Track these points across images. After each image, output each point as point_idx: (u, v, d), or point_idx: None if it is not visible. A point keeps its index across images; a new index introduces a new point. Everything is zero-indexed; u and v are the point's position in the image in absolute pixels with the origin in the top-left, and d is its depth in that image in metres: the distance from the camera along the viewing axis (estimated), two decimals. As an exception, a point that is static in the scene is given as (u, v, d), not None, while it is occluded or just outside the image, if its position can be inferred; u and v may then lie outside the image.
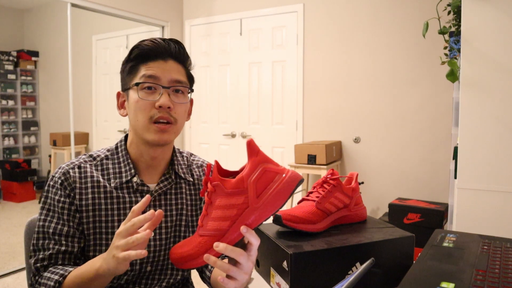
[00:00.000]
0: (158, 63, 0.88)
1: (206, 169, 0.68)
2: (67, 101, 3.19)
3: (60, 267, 0.83)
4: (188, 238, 0.70)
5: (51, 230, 0.86)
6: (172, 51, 0.90)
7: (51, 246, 0.85)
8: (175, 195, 0.97)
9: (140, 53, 0.88)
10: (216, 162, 0.68)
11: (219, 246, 0.64)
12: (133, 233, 0.69)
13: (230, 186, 0.65)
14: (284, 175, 0.66)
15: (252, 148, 0.66)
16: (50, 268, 0.83)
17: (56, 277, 0.80)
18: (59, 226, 0.86)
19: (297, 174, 0.68)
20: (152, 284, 0.93)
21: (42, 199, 0.89)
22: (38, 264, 0.85)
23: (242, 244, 0.69)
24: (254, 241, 0.67)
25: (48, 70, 4.13)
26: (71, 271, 0.81)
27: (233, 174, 0.71)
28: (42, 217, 0.88)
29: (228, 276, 0.69)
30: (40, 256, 0.85)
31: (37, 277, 0.84)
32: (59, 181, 0.88)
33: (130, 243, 0.67)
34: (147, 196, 0.71)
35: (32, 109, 4.31)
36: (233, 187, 0.65)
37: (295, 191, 0.67)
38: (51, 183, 0.89)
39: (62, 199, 0.87)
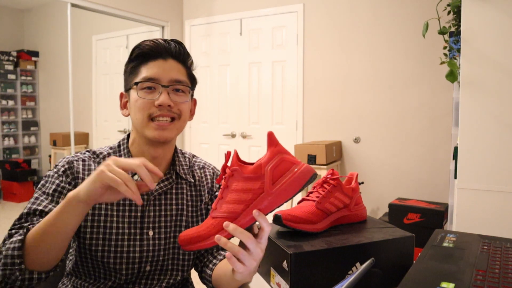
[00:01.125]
0: (158, 63, 0.88)
1: (226, 156, 0.71)
2: (67, 101, 3.19)
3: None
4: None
5: (40, 208, 0.82)
6: (172, 50, 0.90)
7: (35, 221, 0.79)
8: (176, 195, 0.97)
9: (140, 52, 0.89)
10: (235, 151, 0.72)
11: (230, 226, 0.65)
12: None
13: (248, 171, 0.69)
14: (300, 166, 0.70)
15: (272, 139, 0.70)
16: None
17: (20, 237, 0.73)
18: (50, 206, 0.83)
19: (311, 168, 0.71)
20: (151, 284, 0.93)
21: (41, 182, 0.88)
22: (13, 231, 0.78)
23: (253, 234, 0.70)
24: (266, 226, 0.68)
25: (48, 70, 4.14)
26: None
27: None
28: (36, 195, 0.85)
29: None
30: (18, 222, 0.80)
31: (5, 242, 0.76)
32: (62, 168, 0.88)
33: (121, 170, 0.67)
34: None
35: (32, 109, 4.31)
36: (251, 172, 0.69)
37: (308, 184, 0.70)
38: (54, 169, 0.89)
39: (62, 184, 0.87)
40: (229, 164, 0.71)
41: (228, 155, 0.71)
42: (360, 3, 3.24)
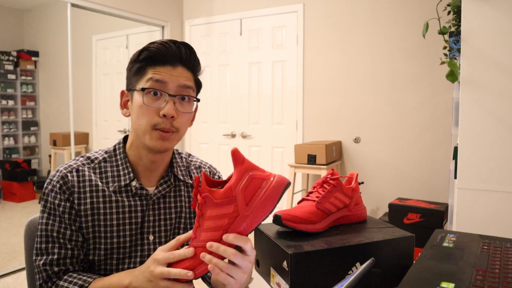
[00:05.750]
0: (166, 69, 0.85)
1: (194, 182, 0.68)
2: (67, 101, 3.19)
3: (74, 275, 0.83)
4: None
5: (55, 234, 0.85)
6: (183, 56, 0.87)
7: (56, 250, 0.85)
8: (174, 198, 0.96)
9: (149, 55, 0.85)
10: (204, 174, 0.68)
11: (213, 246, 0.66)
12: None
13: (219, 196, 0.66)
14: (271, 180, 0.67)
15: (237, 157, 0.66)
16: (65, 277, 0.83)
17: (76, 287, 0.81)
18: (62, 230, 0.86)
19: (283, 178, 0.68)
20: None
21: (42, 202, 0.88)
22: (49, 270, 0.84)
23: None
24: (243, 244, 0.68)
25: (48, 70, 4.13)
26: (90, 281, 0.81)
27: (221, 183, 0.71)
28: (44, 220, 0.86)
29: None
30: (48, 261, 0.84)
31: (49, 284, 0.84)
32: (58, 185, 0.86)
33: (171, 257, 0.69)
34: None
35: (32, 109, 4.31)
36: (222, 197, 0.66)
37: (283, 195, 0.68)
38: (50, 187, 0.87)
39: (62, 203, 0.86)
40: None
41: (197, 179, 0.68)
42: (360, 3, 3.24)
